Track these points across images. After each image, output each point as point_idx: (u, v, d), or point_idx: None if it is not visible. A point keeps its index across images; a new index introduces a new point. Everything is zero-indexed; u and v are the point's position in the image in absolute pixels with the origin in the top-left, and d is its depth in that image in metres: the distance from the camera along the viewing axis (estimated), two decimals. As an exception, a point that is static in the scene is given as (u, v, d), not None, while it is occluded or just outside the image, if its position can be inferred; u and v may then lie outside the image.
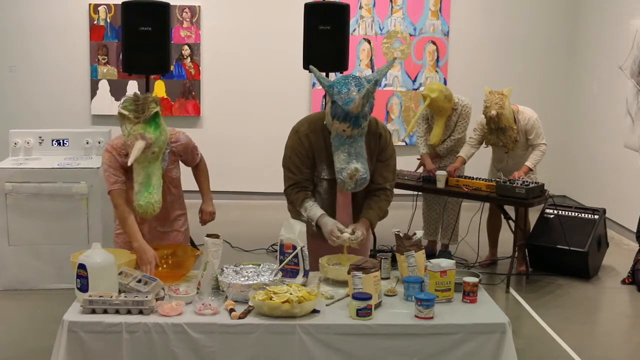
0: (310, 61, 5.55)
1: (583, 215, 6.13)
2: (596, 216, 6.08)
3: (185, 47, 8.35)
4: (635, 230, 5.92)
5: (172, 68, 8.01)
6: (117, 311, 2.98)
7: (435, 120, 6.08)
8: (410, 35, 8.43)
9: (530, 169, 5.85)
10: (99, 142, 5.79)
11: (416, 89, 8.46)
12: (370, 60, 8.44)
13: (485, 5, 8.51)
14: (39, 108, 8.30)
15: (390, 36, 8.42)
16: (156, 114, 3.52)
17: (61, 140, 5.80)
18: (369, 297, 3.01)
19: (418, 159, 6.28)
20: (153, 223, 3.85)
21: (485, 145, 6.12)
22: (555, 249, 5.96)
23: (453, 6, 8.42)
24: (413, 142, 7.30)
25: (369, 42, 8.43)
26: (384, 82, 8.37)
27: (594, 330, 5.20)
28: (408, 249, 3.37)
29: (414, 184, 6.15)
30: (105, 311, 2.98)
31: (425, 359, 2.98)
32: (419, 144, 6.25)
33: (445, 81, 8.35)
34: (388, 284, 3.41)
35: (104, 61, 8.34)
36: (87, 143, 5.80)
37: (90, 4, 8.25)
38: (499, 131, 5.86)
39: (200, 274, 3.26)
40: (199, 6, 8.32)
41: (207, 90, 8.45)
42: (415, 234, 3.48)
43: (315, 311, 3.03)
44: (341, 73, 5.96)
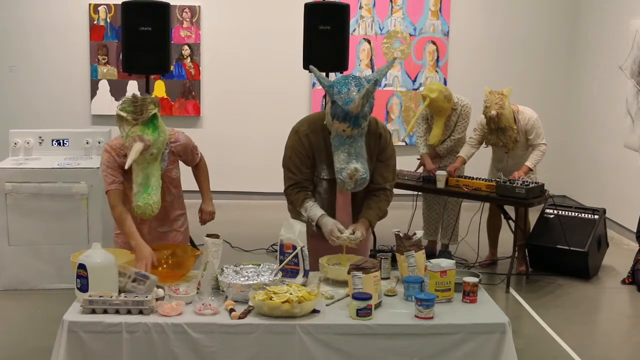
0: (310, 61, 5.55)
1: (583, 215, 6.13)
2: (596, 216, 6.08)
3: (185, 47, 8.35)
4: (635, 230, 5.91)
5: (172, 68, 8.01)
6: (117, 311, 2.98)
7: (434, 121, 6.08)
8: (410, 35, 8.43)
9: (530, 169, 5.85)
10: (99, 142, 5.80)
11: (416, 89, 8.46)
12: (370, 60, 8.44)
13: (485, 5, 8.51)
14: (39, 108, 8.30)
15: (390, 36, 8.42)
16: (154, 115, 3.51)
17: (61, 140, 5.80)
18: (369, 297, 3.01)
19: (418, 159, 6.28)
20: (153, 223, 3.85)
21: (485, 145, 6.12)
22: (555, 249, 5.96)
23: (453, 6, 8.42)
24: (413, 142, 7.29)
25: (369, 42, 8.42)
26: (384, 82, 8.37)
27: (594, 330, 5.20)
28: (408, 249, 3.37)
29: (414, 184, 6.15)
30: (105, 311, 2.98)
31: (425, 359, 2.98)
32: (418, 144, 6.25)
33: (445, 81, 8.35)
34: (388, 284, 3.40)
35: (104, 61, 8.34)
36: (87, 143, 5.81)
37: (90, 4, 8.25)
38: (499, 131, 5.86)
39: (200, 274, 3.26)
40: (199, 6, 8.32)
41: (207, 90, 8.45)
42: (415, 234, 3.48)
43: (315, 311, 3.03)
44: (341, 73, 5.96)
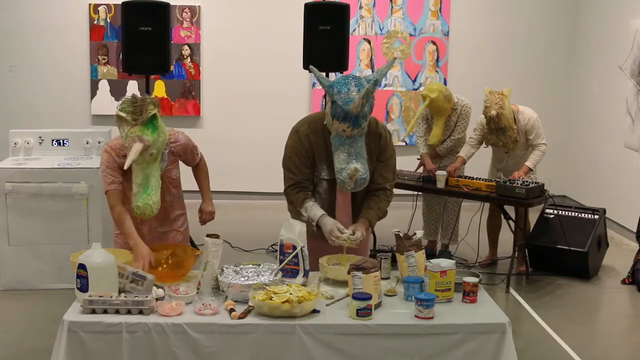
0: (310, 61, 5.55)
1: (583, 215, 6.13)
2: (596, 216, 6.08)
3: (185, 47, 8.35)
4: (635, 230, 5.91)
5: (172, 68, 8.01)
6: (117, 311, 2.98)
7: (434, 121, 6.08)
8: (410, 35, 8.43)
9: (530, 169, 5.85)
10: (99, 142, 5.80)
11: (416, 89, 8.46)
12: (370, 60, 8.44)
13: (485, 5, 8.51)
14: (39, 108, 8.30)
15: (390, 36, 8.42)
16: (154, 115, 3.51)
17: (61, 140, 5.80)
18: (369, 297, 3.00)
19: (418, 159, 6.28)
20: (152, 223, 3.85)
21: (485, 145, 6.12)
22: (555, 249, 5.96)
23: (453, 6, 8.42)
24: (413, 142, 7.29)
25: (369, 42, 8.42)
26: (384, 82, 8.37)
27: (594, 330, 5.20)
28: (408, 249, 3.37)
29: (414, 184, 6.15)
30: (105, 311, 2.98)
31: (425, 359, 2.98)
32: (418, 144, 6.25)
33: (445, 81, 8.35)
34: (388, 284, 3.40)
35: (104, 61, 8.34)
36: (87, 143, 5.81)
37: (90, 4, 8.25)
38: (499, 131, 5.86)
39: (200, 274, 3.26)
40: (199, 6, 8.32)
41: (207, 90, 8.45)
42: (415, 234, 3.48)
43: (315, 311, 3.03)
44: (341, 73, 5.96)
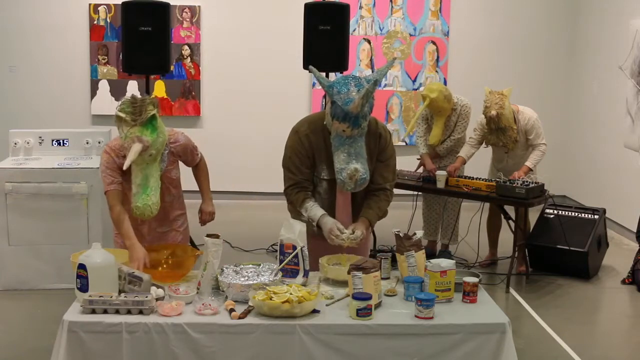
0: (310, 61, 5.55)
1: (583, 215, 6.13)
2: (596, 216, 6.08)
3: (185, 47, 8.35)
4: (635, 230, 5.91)
5: (172, 68, 8.01)
6: (117, 311, 2.98)
7: (434, 121, 6.08)
8: (410, 35, 8.43)
9: (530, 169, 5.85)
10: (99, 142, 5.80)
11: (416, 89, 8.46)
12: (370, 60, 8.44)
13: (485, 5, 8.51)
14: (39, 108, 8.30)
15: (390, 36, 8.42)
16: (153, 116, 3.51)
17: (61, 140, 5.80)
18: (369, 297, 3.00)
19: (418, 159, 6.28)
20: (152, 223, 3.85)
21: (485, 145, 6.12)
22: (555, 249, 5.96)
23: (453, 6, 8.42)
24: (413, 142, 7.29)
25: (369, 42, 8.42)
26: (384, 82, 8.37)
27: (594, 330, 5.20)
28: (408, 249, 3.37)
29: (414, 184, 6.15)
30: (105, 311, 2.98)
31: (425, 359, 2.98)
32: (418, 144, 6.25)
33: (445, 81, 8.35)
34: (388, 284, 3.40)
35: (104, 61, 8.34)
36: (87, 143, 5.81)
37: (90, 4, 8.25)
38: (499, 131, 5.86)
39: (200, 274, 3.26)
40: (199, 6, 8.32)
41: (207, 90, 8.45)
42: (415, 234, 3.48)
43: (315, 311, 3.03)
44: (341, 73, 5.96)
